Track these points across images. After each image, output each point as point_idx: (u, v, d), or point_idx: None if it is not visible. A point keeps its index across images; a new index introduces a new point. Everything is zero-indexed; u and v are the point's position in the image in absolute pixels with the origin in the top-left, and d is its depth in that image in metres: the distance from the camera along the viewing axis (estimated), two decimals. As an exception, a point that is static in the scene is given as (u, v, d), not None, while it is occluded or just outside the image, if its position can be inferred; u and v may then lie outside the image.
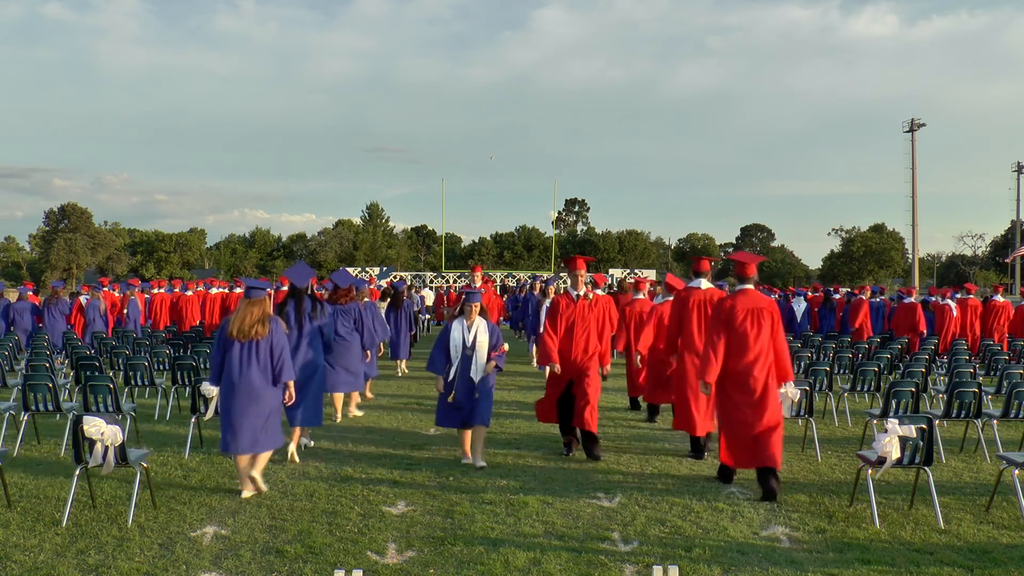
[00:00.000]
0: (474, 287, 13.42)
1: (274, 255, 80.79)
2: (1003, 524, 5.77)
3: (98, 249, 76.56)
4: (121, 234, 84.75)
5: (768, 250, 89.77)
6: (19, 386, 8.79)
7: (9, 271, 78.85)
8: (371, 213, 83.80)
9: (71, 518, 5.65)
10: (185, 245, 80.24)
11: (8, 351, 11.89)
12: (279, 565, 4.84)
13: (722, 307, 6.73)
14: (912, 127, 59.07)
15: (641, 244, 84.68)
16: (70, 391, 10.64)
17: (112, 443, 5.49)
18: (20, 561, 4.88)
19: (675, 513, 5.97)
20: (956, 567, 4.88)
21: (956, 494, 6.58)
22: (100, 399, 7.66)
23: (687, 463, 7.64)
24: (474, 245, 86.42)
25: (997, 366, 11.43)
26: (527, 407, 10.77)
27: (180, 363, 9.67)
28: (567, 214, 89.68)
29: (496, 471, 7.19)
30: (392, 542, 5.26)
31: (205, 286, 19.89)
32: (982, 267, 77.75)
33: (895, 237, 76.66)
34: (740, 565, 4.89)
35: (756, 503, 6.26)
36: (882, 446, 5.63)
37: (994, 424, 8.10)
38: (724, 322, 6.65)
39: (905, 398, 7.84)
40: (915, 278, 60.45)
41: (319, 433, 8.77)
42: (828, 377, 9.58)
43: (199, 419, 7.94)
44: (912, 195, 59.53)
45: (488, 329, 7.42)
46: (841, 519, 5.84)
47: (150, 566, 4.80)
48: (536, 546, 5.20)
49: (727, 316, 6.64)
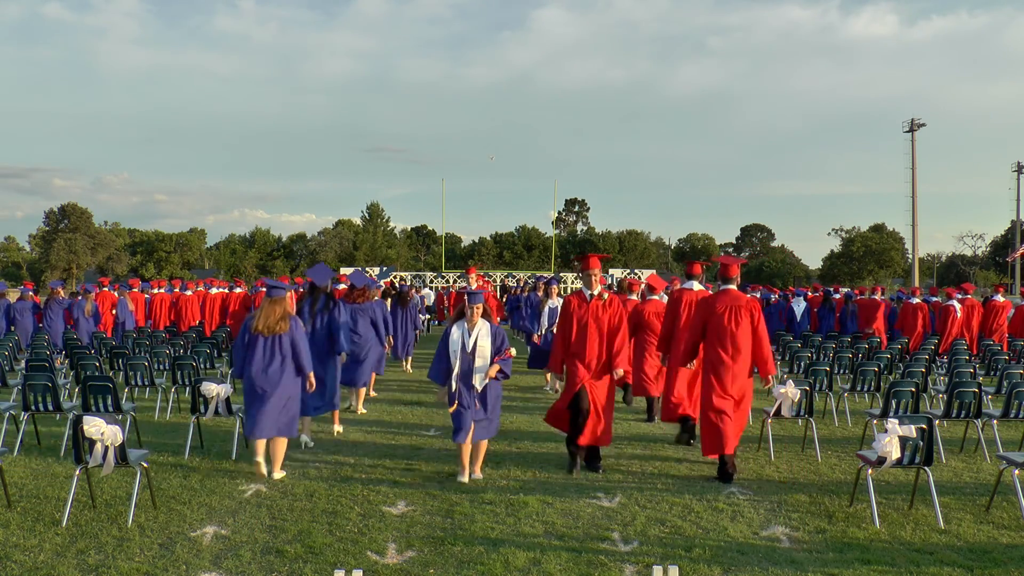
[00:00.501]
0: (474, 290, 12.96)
1: (274, 255, 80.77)
2: (1003, 524, 5.78)
3: (98, 249, 76.56)
4: (121, 234, 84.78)
5: (768, 250, 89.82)
6: (19, 386, 8.80)
7: (9, 271, 78.88)
8: (371, 213, 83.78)
9: (71, 518, 5.65)
10: (185, 245, 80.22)
11: (8, 351, 11.89)
12: (279, 565, 4.84)
13: (705, 303, 7.45)
14: (912, 127, 59.07)
15: (641, 244, 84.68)
16: (70, 391, 10.65)
17: (112, 443, 5.50)
18: (20, 561, 4.88)
19: (675, 513, 5.97)
20: (956, 567, 4.88)
21: (956, 494, 6.59)
22: (100, 399, 7.65)
23: (687, 463, 7.64)
24: (474, 245, 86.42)
25: (997, 366, 11.44)
26: (527, 406, 10.77)
27: (180, 363, 9.67)
28: (567, 214, 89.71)
29: (496, 471, 7.19)
30: (392, 542, 5.26)
31: (205, 286, 19.88)
32: (982, 267, 77.76)
33: (895, 237, 76.63)
34: (740, 565, 4.90)
35: (756, 503, 6.26)
36: (882, 446, 5.64)
37: (994, 424, 8.10)
38: (705, 317, 7.35)
39: (905, 398, 7.84)
40: (915, 278, 60.45)
41: (320, 433, 8.78)
42: (828, 377, 9.58)
43: (199, 419, 7.94)
44: (912, 195, 59.57)
45: (491, 332, 6.87)
46: (841, 519, 5.84)
47: (150, 566, 4.80)
48: (536, 546, 5.20)
49: (708, 312, 7.32)
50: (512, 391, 12.16)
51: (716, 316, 7.19)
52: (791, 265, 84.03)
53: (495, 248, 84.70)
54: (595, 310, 7.31)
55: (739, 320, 7.10)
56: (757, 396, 11.31)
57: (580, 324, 7.29)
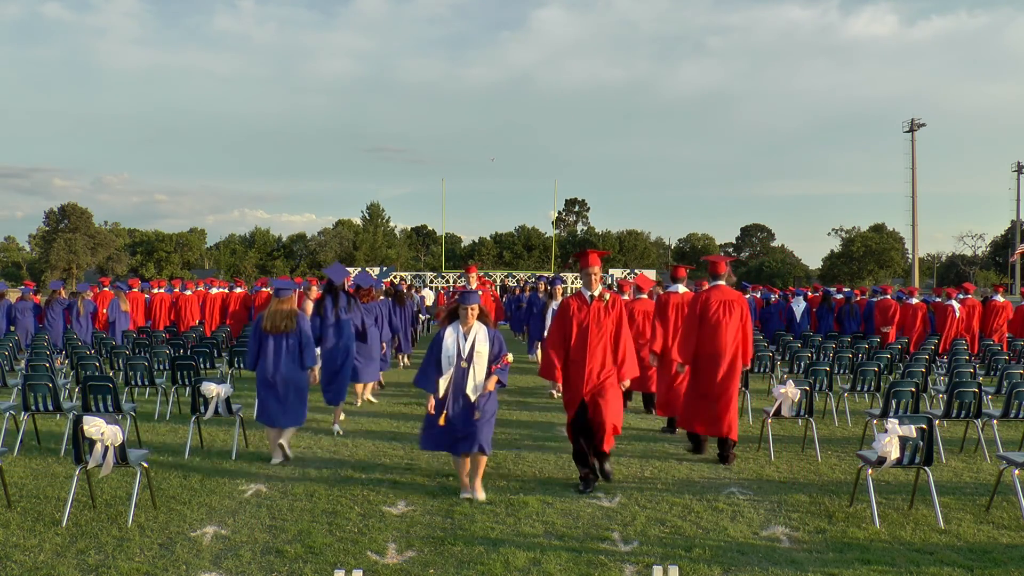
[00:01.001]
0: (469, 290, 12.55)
1: (274, 255, 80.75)
2: (1003, 524, 5.78)
3: (98, 249, 76.56)
4: (121, 234, 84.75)
5: (768, 250, 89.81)
6: (19, 386, 8.80)
7: (9, 271, 78.88)
8: (371, 213, 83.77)
9: (71, 518, 5.65)
10: (185, 245, 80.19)
11: (8, 351, 11.89)
12: (279, 565, 4.84)
13: (698, 300, 7.83)
14: (912, 127, 59.09)
15: (641, 244, 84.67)
16: (70, 391, 10.65)
17: (112, 443, 5.50)
18: (20, 561, 4.88)
19: (675, 513, 5.97)
20: (956, 567, 4.88)
21: (956, 494, 6.58)
22: (100, 399, 7.65)
23: (687, 463, 7.64)
24: (474, 245, 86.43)
25: (997, 366, 11.44)
26: (526, 406, 10.78)
27: (180, 363, 9.67)
28: (567, 214, 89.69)
29: (496, 471, 7.19)
30: (392, 542, 5.26)
31: (205, 286, 19.87)
32: (982, 267, 77.71)
33: (895, 237, 76.61)
34: (740, 565, 4.90)
35: (756, 503, 6.26)
36: (882, 446, 5.64)
37: (994, 424, 8.10)
38: (700, 313, 7.75)
39: (905, 398, 7.84)
40: (915, 278, 60.44)
41: (320, 433, 8.78)
42: (828, 377, 9.58)
43: (199, 419, 7.94)
44: (912, 195, 59.58)
45: (488, 337, 6.30)
46: (841, 519, 5.84)
47: (150, 566, 4.80)
48: (536, 546, 5.20)
49: (703, 307, 7.74)
50: (512, 391, 12.16)
51: (711, 312, 7.70)
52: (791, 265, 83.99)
53: (495, 248, 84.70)
54: (597, 313, 6.68)
55: (731, 314, 7.69)
56: (756, 396, 11.32)
57: (580, 328, 6.66)
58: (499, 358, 6.27)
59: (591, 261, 6.77)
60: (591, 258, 6.79)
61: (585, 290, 6.81)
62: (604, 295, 6.80)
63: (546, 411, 10.49)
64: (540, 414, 10.30)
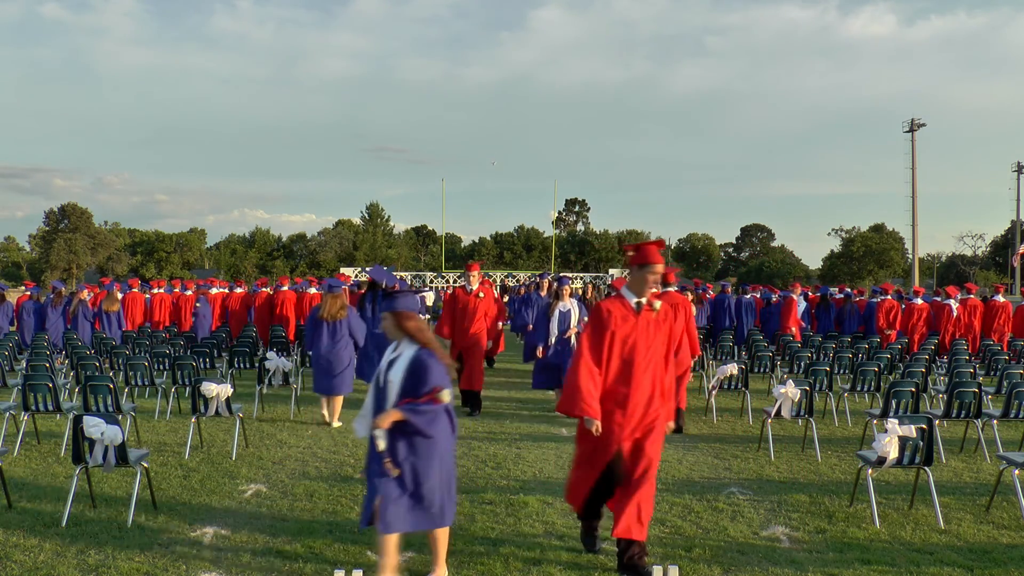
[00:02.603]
0: (470, 289, 10.47)
1: (274, 255, 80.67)
2: (1003, 524, 5.78)
3: (98, 249, 76.53)
4: (121, 234, 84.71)
5: (768, 250, 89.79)
6: (19, 386, 8.79)
7: (9, 271, 78.86)
8: (371, 213, 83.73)
9: (71, 518, 5.65)
10: (185, 245, 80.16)
11: (8, 351, 11.89)
12: (279, 565, 4.84)
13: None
14: (912, 127, 59.05)
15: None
16: (70, 391, 10.65)
17: (112, 443, 5.50)
18: (20, 561, 4.88)
19: (675, 513, 5.97)
20: (956, 567, 4.88)
21: (956, 494, 6.59)
22: (100, 399, 7.65)
23: (687, 463, 7.64)
24: (474, 245, 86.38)
25: (997, 366, 11.44)
26: (526, 407, 10.77)
27: (180, 363, 9.67)
28: (567, 214, 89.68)
29: (496, 471, 7.19)
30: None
31: (205, 286, 19.85)
32: (982, 267, 77.71)
33: (895, 237, 76.59)
34: (740, 565, 4.90)
35: (756, 503, 6.26)
36: (882, 446, 5.64)
37: (994, 424, 8.09)
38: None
39: (905, 398, 7.83)
40: (915, 278, 60.41)
41: (320, 433, 8.78)
42: (828, 377, 9.58)
43: (199, 419, 7.94)
44: (912, 195, 59.55)
45: (410, 360, 4.30)
46: (841, 519, 5.84)
47: (150, 566, 4.80)
48: (536, 546, 5.20)
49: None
50: (512, 391, 12.16)
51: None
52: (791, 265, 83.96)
53: (495, 248, 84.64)
54: (646, 328, 4.79)
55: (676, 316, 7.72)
56: (756, 396, 11.31)
57: (625, 348, 4.75)
58: (420, 392, 4.22)
59: (654, 257, 4.77)
60: (654, 253, 4.79)
61: (631, 296, 4.83)
62: (654, 303, 4.86)
63: (546, 412, 10.48)
64: (540, 415, 10.29)
